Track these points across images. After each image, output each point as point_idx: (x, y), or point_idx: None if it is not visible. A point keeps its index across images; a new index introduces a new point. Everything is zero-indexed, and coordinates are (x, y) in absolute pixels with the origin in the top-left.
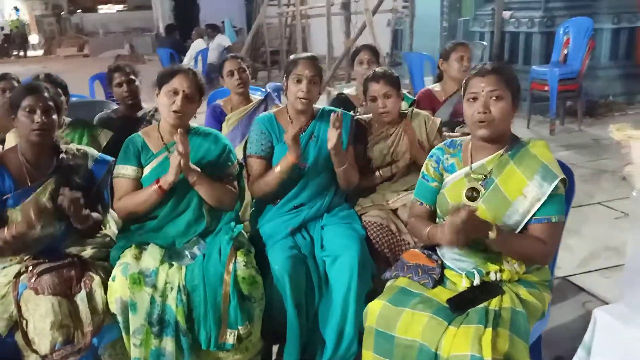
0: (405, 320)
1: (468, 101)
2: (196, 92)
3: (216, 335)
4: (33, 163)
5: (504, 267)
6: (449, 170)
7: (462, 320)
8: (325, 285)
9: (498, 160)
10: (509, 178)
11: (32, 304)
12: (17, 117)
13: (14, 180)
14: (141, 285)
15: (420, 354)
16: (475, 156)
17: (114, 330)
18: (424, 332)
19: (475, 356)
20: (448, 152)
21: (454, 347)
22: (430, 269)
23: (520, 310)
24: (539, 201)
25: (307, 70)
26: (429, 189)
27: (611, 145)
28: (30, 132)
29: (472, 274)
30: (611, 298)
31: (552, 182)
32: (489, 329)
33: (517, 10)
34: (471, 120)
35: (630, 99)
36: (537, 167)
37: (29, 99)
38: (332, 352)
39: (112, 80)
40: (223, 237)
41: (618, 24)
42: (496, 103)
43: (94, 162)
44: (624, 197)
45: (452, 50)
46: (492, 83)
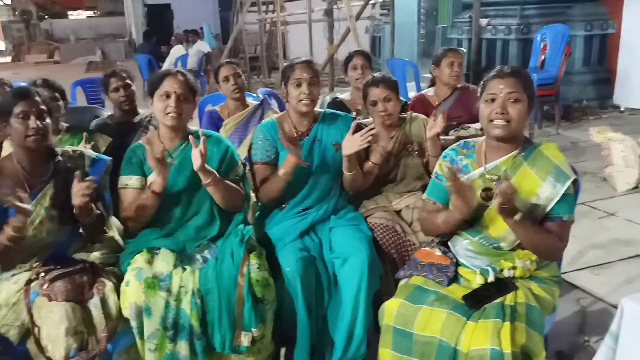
0: (423, 317)
1: (486, 102)
2: (189, 92)
3: (231, 338)
4: (29, 170)
5: (517, 265)
6: (463, 171)
7: (479, 316)
8: (334, 287)
9: (512, 161)
10: (523, 179)
11: (45, 311)
12: (9, 124)
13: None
14: (156, 289)
15: (439, 349)
16: (490, 157)
17: (128, 335)
18: (443, 328)
19: (495, 349)
20: (462, 153)
21: (474, 341)
22: (444, 267)
23: (534, 305)
24: (552, 201)
25: (305, 72)
26: (442, 188)
27: (588, 148)
28: (25, 139)
29: (486, 271)
30: (603, 294)
31: (565, 182)
32: (506, 323)
33: (494, 17)
34: (487, 120)
35: (602, 103)
36: (551, 168)
37: (21, 105)
38: (342, 353)
39: (109, 85)
40: (234, 240)
41: (590, 31)
42: (514, 105)
43: (91, 162)
44: (606, 197)
45: (443, 57)
46: (511, 85)
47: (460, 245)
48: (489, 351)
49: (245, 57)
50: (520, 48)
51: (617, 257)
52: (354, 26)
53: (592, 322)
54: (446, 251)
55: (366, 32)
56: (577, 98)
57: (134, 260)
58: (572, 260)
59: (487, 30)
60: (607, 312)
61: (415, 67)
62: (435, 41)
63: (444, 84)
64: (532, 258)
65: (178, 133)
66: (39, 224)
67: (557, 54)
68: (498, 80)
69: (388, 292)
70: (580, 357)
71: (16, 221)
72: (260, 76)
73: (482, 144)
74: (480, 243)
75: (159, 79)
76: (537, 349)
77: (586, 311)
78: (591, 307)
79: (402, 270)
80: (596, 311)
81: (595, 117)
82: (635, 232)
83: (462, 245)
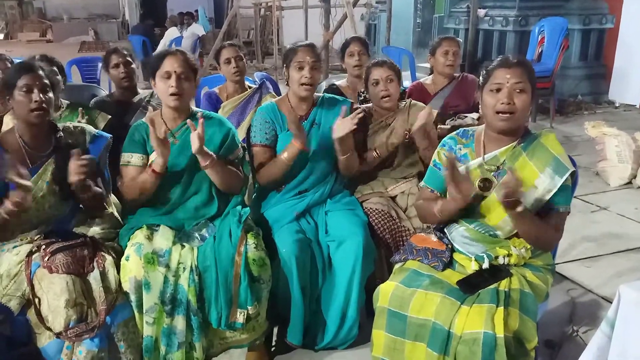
0: (418, 300)
1: (491, 92)
2: (189, 71)
3: (227, 314)
4: (31, 144)
5: (512, 252)
6: (461, 160)
7: (474, 300)
8: (328, 269)
9: (511, 151)
10: (522, 170)
11: (46, 282)
12: (12, 97)
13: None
14: (155, 265)
15: (433, 332)
16: (489, 147)
17: (127, 309)
18: (437, 312)
19: (488, 333)
20: (461, 142)
21: (467, 324)
22: (439, 252)
23: (528, 292)
24: (550, 192)
25: (307, 56)
26: (440, 177)
27: (582, 142)
28: (28, 112)
29: (481, 257)
30: (593, 286)
31: (564, 174)
32: (500, 308)
33: (492, 8)
34: (493, 111)
35: (597, 99)
36: (549, 159)
37: (25, 78)
38: (334, 334)
39: (109, 62)
40: (232, 220)
41: (588, 25)
42: (519, 95)
43: (92, 138)
44: (598, 191)
45: (438, 46)
46: (517, 75)
47: (457, 231)
48: (482, 335)
49: (239, 41)
50: (517, 40)
51: (608, 250)
52: (351, 13)
53: (582, 313)
54: (442, 237)
55: (362, 20)
56: (573, 92)
57: (134, 235)
58: (564, 253)
59: (485, 21)
60: (596, 304)
61: (411, 55)
62: (431, 30)
63: (439, 73)
64: (527, 246)
65: (181, 113)
66: (40, 198)
67: (554, 47)
68: (504, 70)
69: (382, 277)
70: (569, 346)
71: (16, 196)
72: (254, 61)
73: (482, 133)
74: (476, 230)
75: (159, 59)
76: (529, 335)
77: (576, 302)
78: (581, 299)
79: (397, 254)
80: (586, 302)
81: (590, 112)
82: (626, 226)
83: (459, 232)
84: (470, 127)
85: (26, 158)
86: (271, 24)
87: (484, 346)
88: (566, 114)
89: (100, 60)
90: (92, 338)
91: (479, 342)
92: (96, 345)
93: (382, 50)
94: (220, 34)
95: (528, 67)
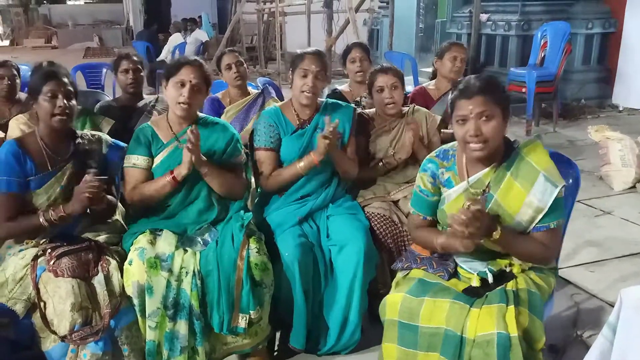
0: (427, 309)
1: (457, 122)
2: (203, 83)
3: (229, 319)
4: (52, 148)
5: (514, 262)
6: (446, 185)
7: (483, 302)
8: (330, 274)
9: (495, 173)
10: (508, 192)
11: (52, 286)
12: (37, 102)
13: (35, 164)
14: (157, 269)
15: (445, 339)
16: (471, 169)
17: (130, 313)
18: (447, 318)
19: (501, 333)
20: (442, 166)
21: (479, 327)
22: (444, 262)
23: (535, 291)
24: (541, 212)
25: (313, 65)
26: (428, 203)
27: (586, 147)
28: (51, 117)
29: (484, 273)
30: (597, 291)
31: (553, 192)
32: (511, 307)
33: (494, 13)
34: (463, 141)
35: (601, 103)
36: (536, 176)
37: (50, 84)
38: (336, 339)
39: (119, 66)
40: (234, 225)
41: (591, 30)
42: (487, 123)
43: (108, 147)
44: (602, 195)
45: (447, 50)
46: (479, 104)
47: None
48: (495, 336)
49: (242, 47)
50: (520, 45)
51: (611, 255)
52: (353, 18)
53: (585, 317)
54: (442, 254)
55: (364, 25)
56: (576, 96)
57: (137, 240)
58: (567, 257)
59: (487, 25)
60: (600, 308)
61: (413, 60)
62: (434, 35)
63: (444, 77)
64: None
65: (186, 119)
66: (52, 201)
67: (557, 52)
68: (466, 101)
69: (383, 282)
70: (572, 350)
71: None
72: (257, 66)
73: (462, 155)
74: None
75: (177, 67)
76: (537, 334)
77: (580, 307)
78: (585, 303)
79: (400, 261)
80: (590, 307)
81: (594, 116)
82: (630, 231)
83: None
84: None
85: (47, 161)
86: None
87: (499, 347)
88: (569, 118)
89: (104, 66)
90: (97, 341)
91: (493, 343)
92: (100, 349)
93: (385, 55)
94: (224, 40)
95: (491, 90)
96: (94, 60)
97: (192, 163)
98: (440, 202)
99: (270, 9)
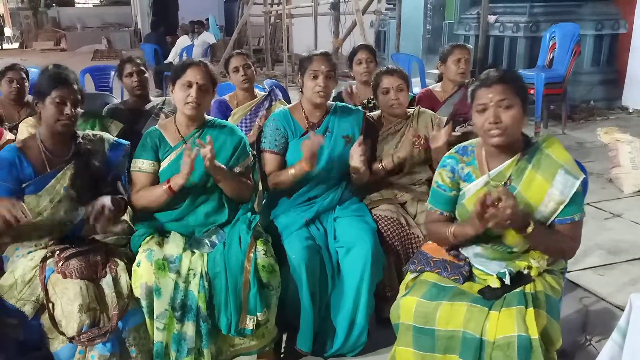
0: (444, 312)
1: (477, 112)
2: (209, 84)
3: (236, 321)
4: (52, 150)
5: (532, 264)
6: (465, 179)
7: (501, 304)
8: (337, 276)
9: (516, 165)
10: (530, 184)
11: (60, 287)
12: (43, 104)
13: (33, 167)
14: (165, 271)
15: (464, 342)
16: (491, 163)
17: (138, 314)
18: (466, 321)
19: (522, 336)
20: (462, 161)
21: (500, 329)
22: (458, 265)
23: (551, 294)
24: (562, 203)
25: (322, 65)
26: (447, 198)
27: (594, 149)
28: (56, 123)
29: (503, 274)
30: (606, 294)
31: (574, 184)
32: (530, 309)
33: (502, 14)
34: (482, 130)
35: (610, 105)
36: (557, 169)
37: (60, 90)
38: (343, 341)
39: (123, 70)
40: (242, 227)
41: (600, 31)
42: (506, 112)
43: (110, 146)
44: (612, 198)
45: (450, 53)
46: (499, 92)
47: (472, 250)
48: (516, 338)
49: (249, 49)
50: (528, 46)
51: (621, 258)
52: (360, 20)
53: (595, 321)
54: (457, 254)
55: (371, 27)
56: (585, 98)
57: (145, 242)
58: (576, 260)
59: (495, 27)
60: (610, 312)
61: (420, 62)
62: (441, 37)
63: (450, 81)
64: (545, 257)
65: (194, 121)
66: (57, 203)
67: (565, 53)
68: (485, 90)
69: (391, 285)
70: (581, 355)
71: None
72: (263, 68)
73: (482, 149)
74: (493, 249)
75: (183, 68)
76: (555, 336)
77: (589, 311)
78: (594, 307)
79: (412, 263)
80: (599, 311)
81: (603, 118)
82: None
83: (474, 251)
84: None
85: (45, 163)
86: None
87: (520, 349)
88: (578, 120)
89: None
90: (104, 343)
91: (514, 345)
92: (108, 350)
93: (392, 57)
94: (231, 42)
95: (512, 80)
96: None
97: (189, 174)
98: (459, 197)
99: (277, 11)
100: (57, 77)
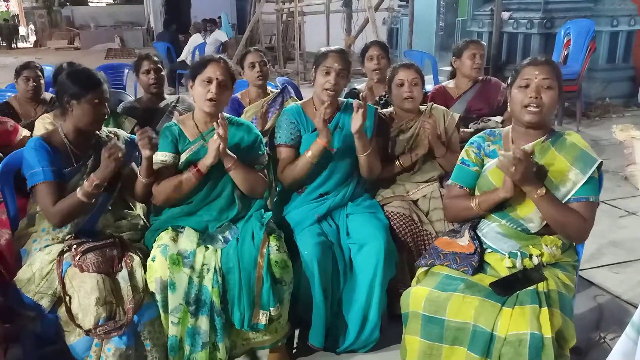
0: (455, 304)
1: (519, 87)
2: (229, 80)
3: (250, 315)
4: (75, 144)
5: (544, 251)
6: (490, 155)
7: (514, 302)
8: (350, 272)
9: (540, 146)
10: (552, 162)
11: (77, 281)
12: (78, 104)
13: (61, 160)
14: (180, 266)
15: (474, 335)
16: (517, 143)
17: (153, 308)
18: (477, 314)
19: (535, 334)
20: (489, 140)
21: (512, 326)
22: (468, 256)
23: (564, 293)
24: (578, 183)
25: (336, 63)
26: (469, 173)
27: (610, 146)
28: (93, 122)
29: (515, 254)
30: (621, 292)
31: (592, 165)
32: (544, 308)
33: (516, 11)
34: (521, 105)
35: (626, 102)
36: (577, 152)
37: (98, 92)
38: (355, 337)
39: (140, 67)
40: (255, 223)
41: (616, 27)
42: (547, 91)
43: (125, 143)
44: (627, 196)
45: (465, 48)
46: (545, 72)
47: (489, 227)
48: (528, 335)
49: (261, 46)
50: (543, 43)
51: (636, 256)
52: (373, 17)
53: (609, 319)
54: (473, 237)
55: (383, 24)
56: (600, 95)
57: (160, 237)
58: (591, 258)
59: (509, 23)
60: (624, 310)
61: (433, 59)
62: (454, 34)
63: (464, 76)
64: (558, 244)
65: (213, 117)
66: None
67: (580, 50)
68: (533, 67)
69: (403, 281)
70: (595, 353)
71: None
72: (275, 66)
73: (509, 132)
74: (508, 226)
75: (203, 65)
76: (569, 335)
77: (603, 308)
78: (608, 305)
79: (423, 258)
80: (613, 309)
81: (618, 115)
82: None
83: (491, 228)
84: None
85: (71, 156)
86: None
87: (531, 347)
88: (593, 117)
89: (126, 66)
90: (120, 336)
91: (526, 342)
92: (124, 343)
93: (404, 54)
94: (243, 40)
95: (556, 66)
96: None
97: (218, 154)
98: (482, 170)
99: (290, 9)
100: (94, 79)
